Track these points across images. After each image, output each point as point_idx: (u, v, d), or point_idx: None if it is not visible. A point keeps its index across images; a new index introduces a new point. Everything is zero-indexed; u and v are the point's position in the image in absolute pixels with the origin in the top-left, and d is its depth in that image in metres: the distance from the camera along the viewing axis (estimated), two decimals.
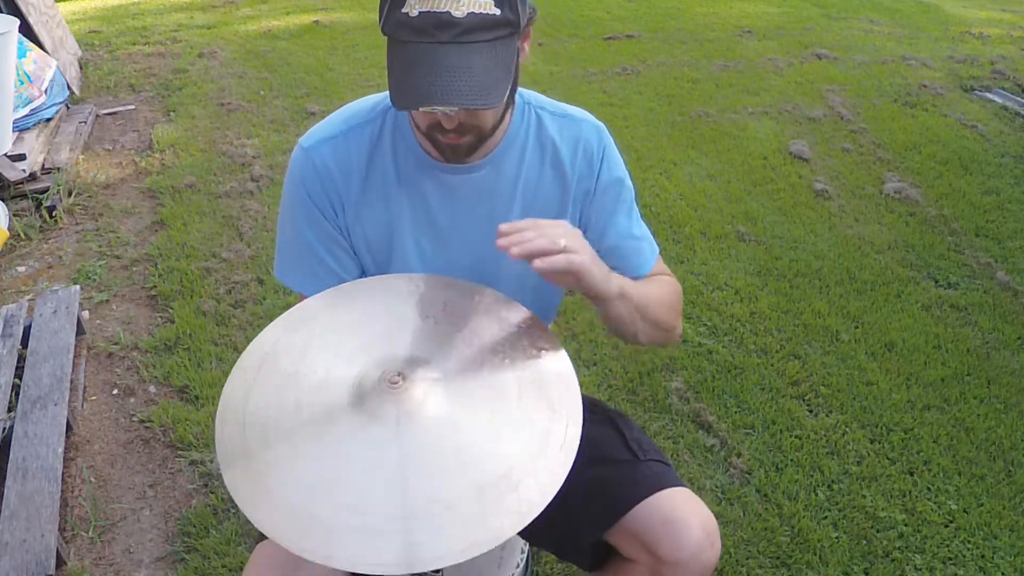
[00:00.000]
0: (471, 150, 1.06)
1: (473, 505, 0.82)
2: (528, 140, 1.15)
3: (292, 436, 0.90)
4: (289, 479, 0.86)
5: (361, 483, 0.84)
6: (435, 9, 0.90)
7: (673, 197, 3.35)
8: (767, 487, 1.96)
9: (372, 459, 0.86)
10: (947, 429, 2.16)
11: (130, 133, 4.00)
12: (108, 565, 1.76)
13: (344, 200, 1.13)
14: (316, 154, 1.12)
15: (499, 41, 0.94)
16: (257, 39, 5.47)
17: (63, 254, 2.92)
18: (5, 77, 3.21)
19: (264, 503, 0.83)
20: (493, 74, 0.93)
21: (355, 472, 0.85)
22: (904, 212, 3.30)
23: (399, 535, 0.80)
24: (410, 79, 0.92)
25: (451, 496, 0.83)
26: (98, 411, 2.19)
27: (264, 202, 3.23)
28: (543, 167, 1.16)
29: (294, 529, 0.81)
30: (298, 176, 1.13)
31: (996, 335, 2.56)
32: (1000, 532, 1.86)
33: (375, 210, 1.14)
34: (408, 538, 0.80)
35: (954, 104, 4.45)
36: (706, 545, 1.04)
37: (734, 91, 4.58)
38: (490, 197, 1.14)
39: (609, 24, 5.88)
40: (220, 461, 0.88)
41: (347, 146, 1.12)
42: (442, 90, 0.91)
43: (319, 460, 0.87)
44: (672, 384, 2.28)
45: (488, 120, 1.03)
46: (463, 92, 0.91)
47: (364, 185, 1.13)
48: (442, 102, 0.91)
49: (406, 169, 1.13)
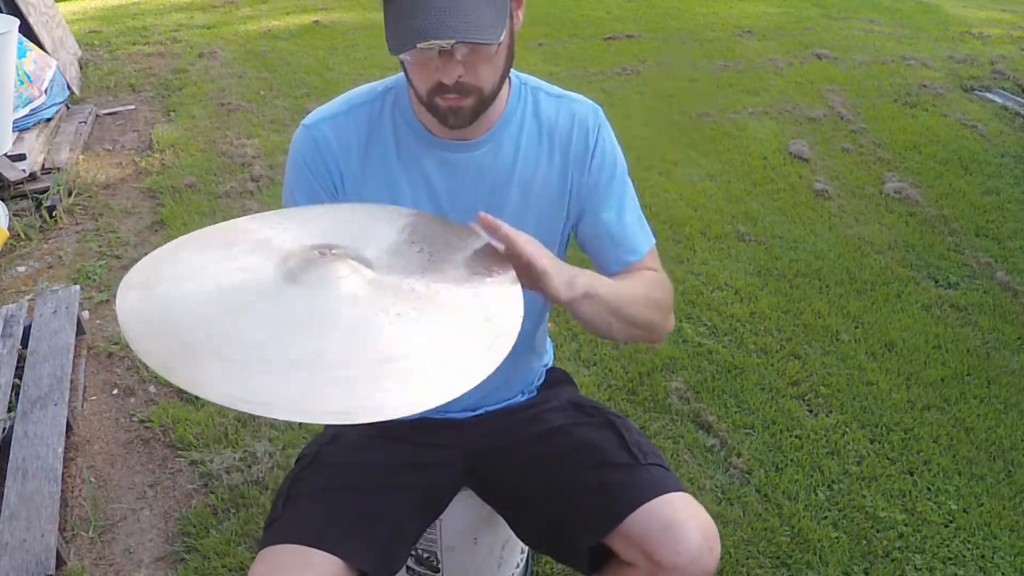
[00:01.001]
0: (474, 115, 1.06)
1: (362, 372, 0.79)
2: (525, 119, 1.16)
3: (202, 286, 0.87)
4: (189, 312, 0.83)
5: (257, 326, 0.82)
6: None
7: (673, 197, 3.35)
8: (767, 487, 1.96)
9: (275, 310, 0.84)
10: (947, 429, 2.16)
11: (130, 133, 4.00)
12: (108, 565, 1.76)
13: (344, 174, 1.14)
14: (316, 130, 1.14)
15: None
16: (257, 39, 5.47)
17: (63, 254, 2.92)
18: (5, 77, 3.21)
19: (157, 331, 0.81)
20: (488, 14, 0.95)
21: (258, 316, 0.83)
22: (904, 212, 3.30)
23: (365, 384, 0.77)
24: (404, 22, 0.94)
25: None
26: (98, 411, 2.19)
27: (264, 202, 3.23)
28: (540, 145, 1.17)
29: (181, 357, 0.78)
30: (299, 151, 1.15)
31: (996, 335, 2.56)
32: (1000, 532, 1.86)
33: (375, 186, 1.14)
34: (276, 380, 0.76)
35: (954, 104, 4.45)
36: (705, 550, 1.04)
37: (734, 91, 4.58)
38: (490, 175, 1.15)
39: (609, 24, 5.88)
40: (118, 296, 0.85)
41: (347, 123, 1.14)
42: (437, 26, 0.92)
43: (217, 300, 0.85)
44: (672, 384, 2.28)
45: (487, 79, 1.03)
46: (459, 28, 0.93)
47: (363, 161, 1.14)
48: (439, 36, 0.92)
49: (406, 146, 1.14)
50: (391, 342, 0.83)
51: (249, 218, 1.03)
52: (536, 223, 1.17)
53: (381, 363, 0.80)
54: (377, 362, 0.80)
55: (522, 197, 1.16)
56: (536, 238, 1.00)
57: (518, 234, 0.96)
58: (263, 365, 0.78)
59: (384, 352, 0.82)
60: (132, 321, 0.82)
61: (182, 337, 0.80)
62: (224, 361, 0.77)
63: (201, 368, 0.77)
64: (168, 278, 0.89)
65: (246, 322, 0.83)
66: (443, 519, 1.30)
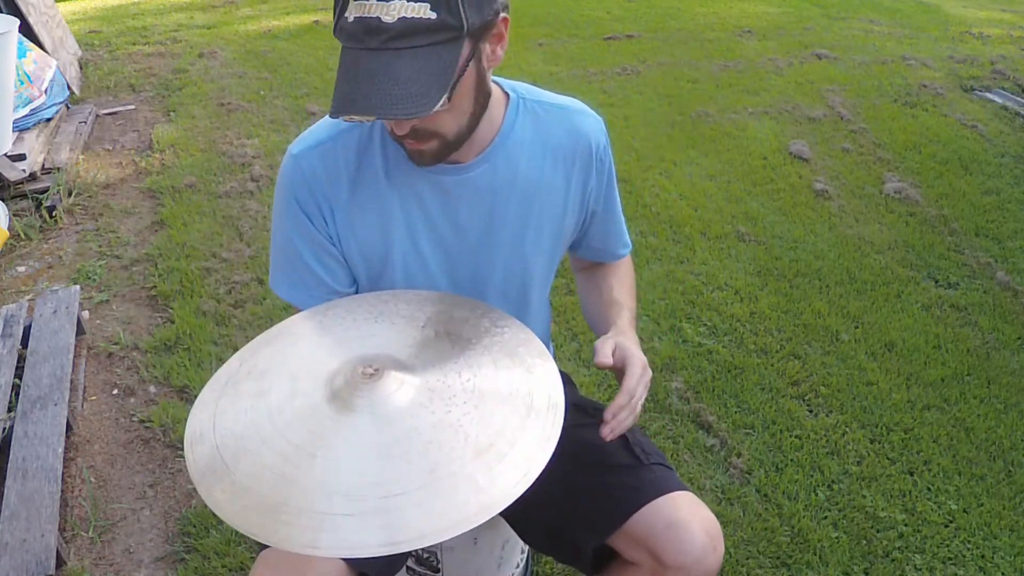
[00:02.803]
0: (439, 156, 1.03)
1: (471, 468, 0.83)
2: (525, 135, 1.13)
3: (268, 440, 0.89)
4: (263, 477, 0.85)
5: (336, 470, 0.84)
6: (366, 15, 0.88)
7: (673, 197, 3.35)
8: (767, 487, 1.96)
9: (346, 447, 0.86)
10: (947, 429, 2.16)
11: (130, 133, 4.00)
12: (108, 565, 1.76)
13: (334, 206, 1.11)
14: (304, 160, 1.10)
15: (438, 47, 0.90)
16: (257, 39, 5.47)
17: (63, 254, 2.92)
18: (5, 77, 3.21)
19: (245, 508, 0.83)
20: (423, 82, 0.90)
21: (332, 460, 0.85)
22: (904, 212, 3.30)
23: (376, 516, 0.79)
24: (341, 86, 0.91)
25: (441, 470, 0.83)
26: (98, 411, 2.19)
27: (264, 202, 3.23)
28: (543, 161, 1.15)
29: (272, 524, 0.80)
30: (287, 183, 1.12)
31: (996, 335, 2.56)
32: (1000, 532, 1.86)
33: (367, 213, 1.12)
34: (386, 519, 0.79)
35: (954, 104, 4.45)
36: (709, 549, 1.04)
37: (734, 91, 4.58)
38: (488, 195, 1.13)
39: (609, 24, 5.88)
40: (196, 484, 0.87)
41: (335, 150, 1.11)
42: (362, 99, 0.89)
43: (289, 455, 0.87)
44: (672, 384, 2.28)
45: (447, 126, 1.00)
46: (384, 101, 0.89)
47: (353, 188, 1.11)
48: (361, 111, 0.89)
49: (397, 170, 1.11)
50: (472, 436, 0.87)
51: (261, 341, 1.05)
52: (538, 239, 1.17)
53: (480, 454, 0.85)
54: (477, 453, 0.85)
55: (524, 214, 1.15)
56: (541, 252, 1.15)
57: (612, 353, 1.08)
58: (381, 502, 0.81)
59: (475, 446, 0.86)
60: (230, 514, 0.83)
61: (293, 502, 0.82)
62: (348, 517, 0.80)
63: (335, 527, 0.79)
64: (233, 447, 0.89)
65: (330, 470, 0.85)
66: None
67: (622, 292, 1.28)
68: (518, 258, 1.18)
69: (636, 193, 3.35)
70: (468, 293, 1.19)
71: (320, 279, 1.15)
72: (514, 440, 0.87)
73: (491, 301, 1.19)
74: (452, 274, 1.18)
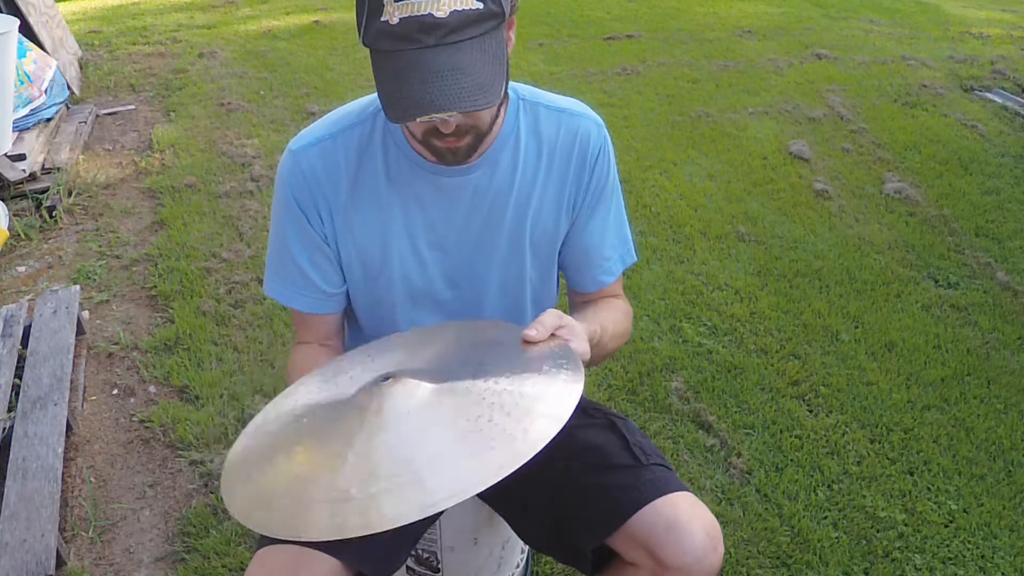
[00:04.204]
0: (470, 151, 1.04)
1: (501, 423, 0.86)
2: (523, 137, 1.13)
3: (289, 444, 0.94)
4: (282, 478, 0.89)
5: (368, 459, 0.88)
6: (416, 13, 0.87)
7: (673, 197, 3.35)
8: (767, 487, 1.96)
9: (365, 439, 0.90)
10: (947, 429, 2.16)
11: (130, 133, 4.00)
12: (108, 565, 1.76)
13: (332, 206, 1.11)
14: (303, 157, 1.10)
15: (487, 35, 0.91)
16: (257, 39, 5.47)
17: (63, 254, 2.92)
18: (5, 77, 3.21)
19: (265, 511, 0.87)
20: (487, 71, 0.91)
21: (364, 456, 0.88)
22: (904, 212, 3.30)
23: (411, 487, 0.83)
24: (402, 89, 0.90)
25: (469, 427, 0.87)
26: (98, 411, 2.19)
27: (264, 202, 3.23)
28: (539, 162, 1.14)
29: (302, 522, 0.84)
30: (285, 180, 1.12)
31: (996, 335, 2.56)
32: (1000, 532, 1.86)
33: (366, 214, 1.12)
34: (420, 486, 0.83)
35: (954, 104, 4.45)
36: (709, 550, 1.04)
37: (734, 91, 4.58)
38: (487, 196, 1.13)
39: (609, 24, 5.88)
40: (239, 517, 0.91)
41: (335, 149, 1.10)
42: (438, 96, 0.88)
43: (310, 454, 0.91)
44: (672, 384, 2.28)
45: (486, 118, 1.01)
46: (460, 95, 0.89)
47: (353, 188, 1.11)
48: (440, 109, 0.89)
49: (398, 171, 1.10)
50: (497, 404, 0.89)
51: (280, 401, 1.08)
52: (533, 242, 1.17)
53: (508, 412, 0.87)
54: (505, 412, 0.88)
55: (520, 217, 1.15)
56: (534, 256, 1.10)
57: (548, 325, 1.00)
58: (416, 474, 0.85)
59: (501, 407, 0.88)
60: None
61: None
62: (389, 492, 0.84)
63: (376, 505, 0.83)
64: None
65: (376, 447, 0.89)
66: (443, 519, 1.30)
67: (606, 320, 1.18)
68: (516, 259, 1.18)
69: (636, 193, 3.35)
70: (466, 293, 1.19)
71: (309, 279, 1.15)
72: (540, 394, 0.89)
73: (489, 301, 1.19)
74: (450, 275, 1.18)
